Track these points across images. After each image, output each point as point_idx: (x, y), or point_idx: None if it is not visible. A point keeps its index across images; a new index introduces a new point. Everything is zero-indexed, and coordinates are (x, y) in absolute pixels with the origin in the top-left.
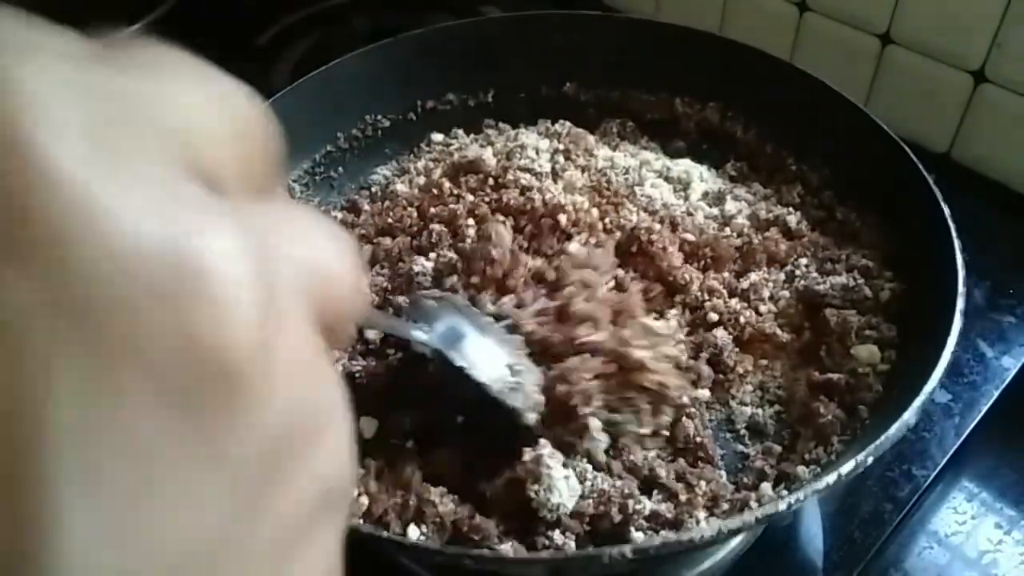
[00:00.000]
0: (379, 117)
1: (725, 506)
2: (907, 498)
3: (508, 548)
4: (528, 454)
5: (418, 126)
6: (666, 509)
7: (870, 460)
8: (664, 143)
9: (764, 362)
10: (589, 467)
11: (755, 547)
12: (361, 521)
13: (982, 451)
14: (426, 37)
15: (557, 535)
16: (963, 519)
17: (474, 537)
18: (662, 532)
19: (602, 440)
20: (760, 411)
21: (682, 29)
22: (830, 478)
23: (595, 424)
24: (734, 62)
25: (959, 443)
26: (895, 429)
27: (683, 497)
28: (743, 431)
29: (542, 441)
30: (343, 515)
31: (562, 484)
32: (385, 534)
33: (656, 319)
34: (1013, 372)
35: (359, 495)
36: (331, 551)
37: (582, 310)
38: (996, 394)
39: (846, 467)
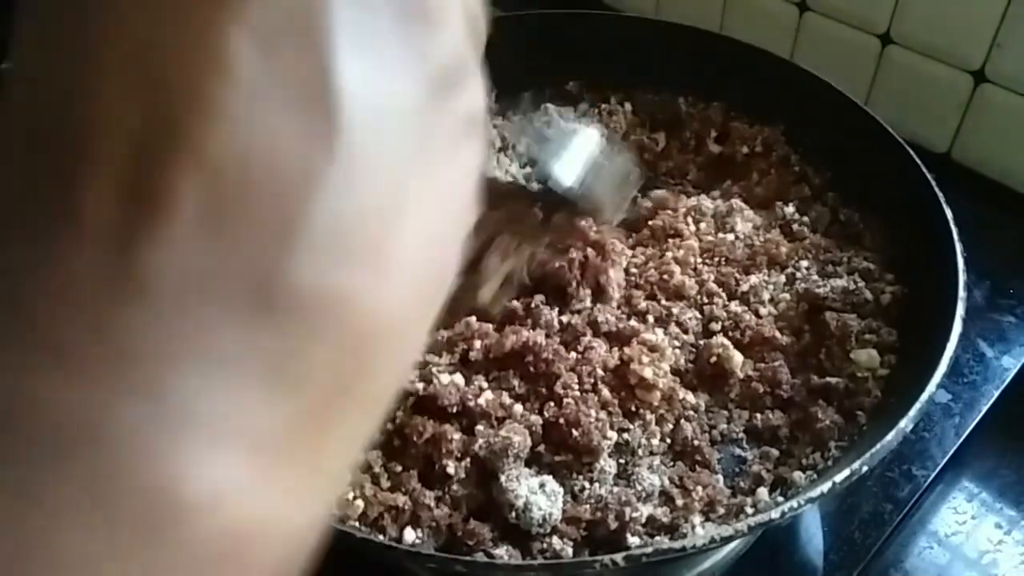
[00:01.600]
0: None
1: (721, 511)
2: (907, 498)
3: (503, 552)
4: (494, 487)
5: None
6: (662, 514)
7: (865, 468)
8: None
9: (763, 365)
10: (586, 482)
11: (755, 547)
12: (357, 524)
13: (982, 451)
14: None
15: (555, 540)
16: (963, 519)
17: (468, 542)
18: (656, 538)
19: (611, 470)
20: (758, 415)
21: (687, 28)
22: (824, 486)
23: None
24: (739, 62)
25: (959, 443)
26: (891, 437)
27: (679, 502)
28: (741, 435)
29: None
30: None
31: (538, 498)
32: (380, 538)
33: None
34: (1013, 372)
35: (354, 498)
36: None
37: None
38: (996, 394)
39: (840, 475)
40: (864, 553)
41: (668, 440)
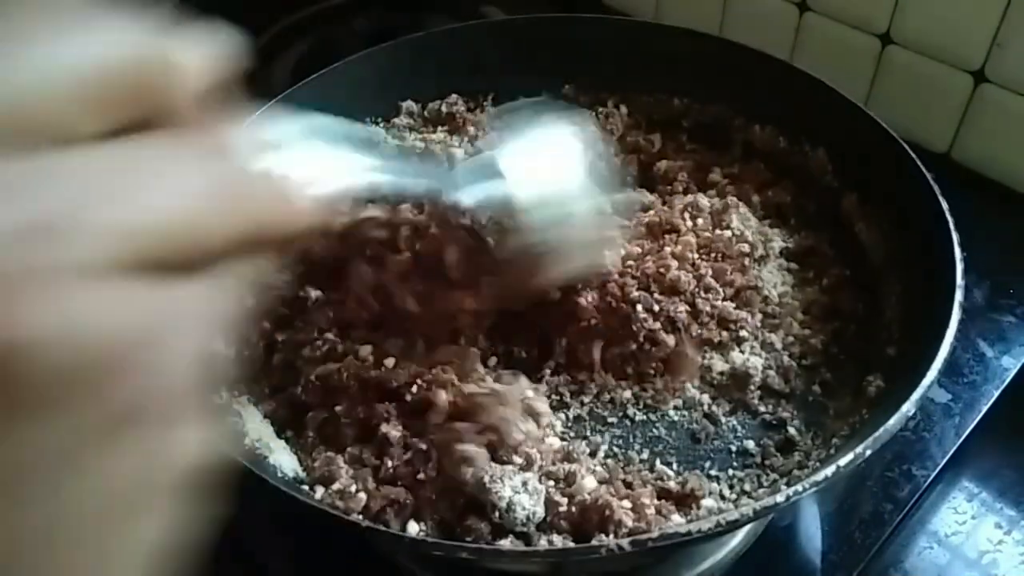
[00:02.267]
0: (380, 120)
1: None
2: (907, 498)
3: (506, 543)
4: (477, 487)
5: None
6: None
7: (868, 453)
8: None
9: None
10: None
11: (754, 548)
12: (360, 517)
13: (982, 451)
14: (425, 40)
15: (555, 537)
16: (963, 519)
17: (467, 538)
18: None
19: None
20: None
21: (683, 31)
22: (828, 471)
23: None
24: (735, 64)
25: (959, 443)
26: (894, 421)
27: None
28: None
29: (486, 467)
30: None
31: (521, 497)
32: (383, 528)
33: None
34: (1013, 372)
35: (357, 491)
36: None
37: None
38: (996, 394)
39: (844, 459)
40: (864, 553)
41: None
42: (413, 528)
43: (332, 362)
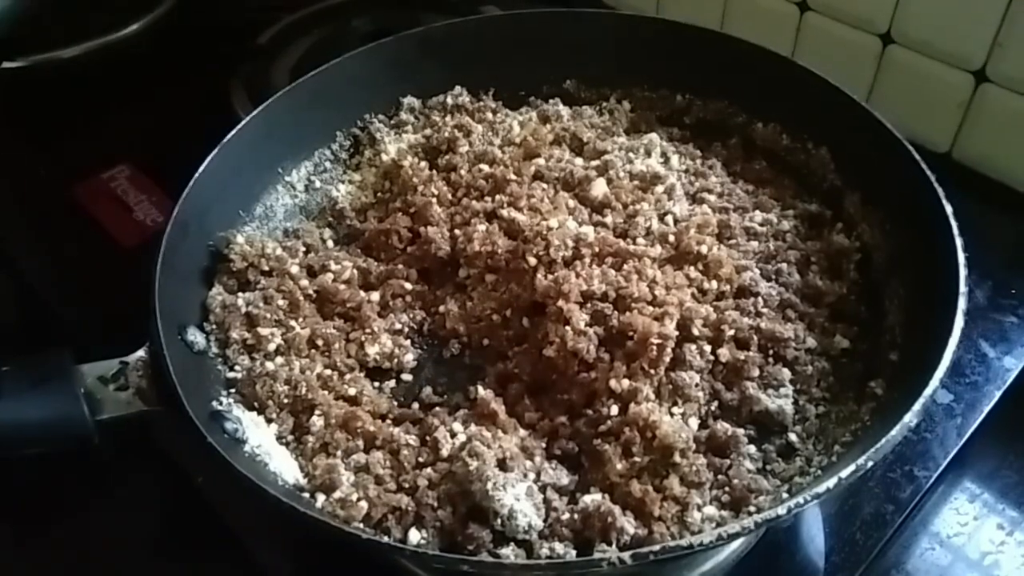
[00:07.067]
0: (379, 116)
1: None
2: (909, 499)
3: (508, 552)
4: (480, 494)
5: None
6: None
7: (870, 464)
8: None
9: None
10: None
11: (756, 549)
12: (361, 525)
13: (984, 452)
14: (426, 36)
15: (557, 544)
16: (965, 520)
17: (469, 546)
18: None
19: None
20: None
21: (686, 26)
22: (830, 482)
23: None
24: (738, 60)
25: (961, 444)
26: (895, 432)
27: None
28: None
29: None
30: None
31: (523, 505)
32: (385, 539)
33: None
34: (1015, 373)
35: (358, 499)
36: None
37: None
38: (998, 395)
39: (846, 471)
40: (866, 554)
41: None
42: (415, 536)
43: None
